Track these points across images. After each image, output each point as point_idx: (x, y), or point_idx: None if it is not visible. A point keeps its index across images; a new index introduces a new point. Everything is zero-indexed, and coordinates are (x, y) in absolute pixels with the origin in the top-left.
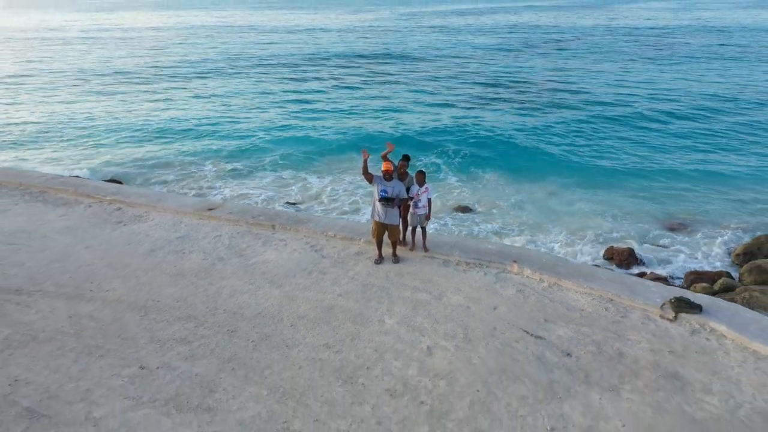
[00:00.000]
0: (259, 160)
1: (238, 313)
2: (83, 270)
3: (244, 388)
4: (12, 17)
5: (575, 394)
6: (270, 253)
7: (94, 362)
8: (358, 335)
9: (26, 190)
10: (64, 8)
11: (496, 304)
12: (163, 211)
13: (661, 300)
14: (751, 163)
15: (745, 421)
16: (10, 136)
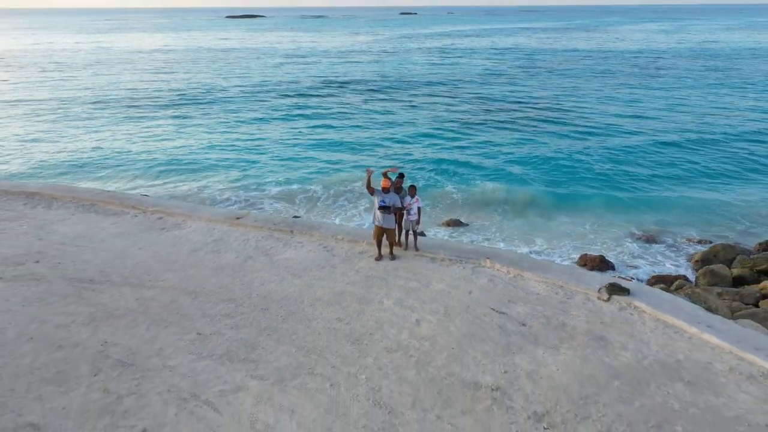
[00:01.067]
0: (273, 180)
1: (268, 297)
2: (140, 265)
3: (277, 347)
4: (19, 39)
5: (525, 350)
6: (290, 252)
7: (162, 330)
8: (362, 312)
9: (79, 203)
10: (65, 30)
11: (471, 290)
12: (198, 219)
13: (599, 286)
14: (715, 182)
15: (647, 367)
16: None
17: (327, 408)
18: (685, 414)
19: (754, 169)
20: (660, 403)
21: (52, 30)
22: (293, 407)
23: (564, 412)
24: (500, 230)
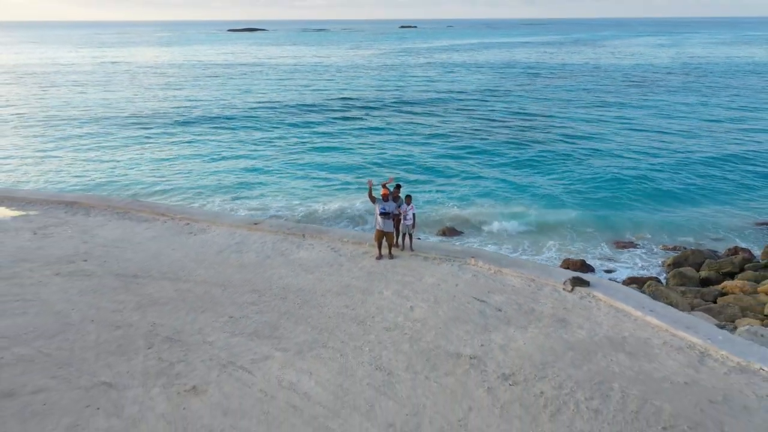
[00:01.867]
0: (282, 191)
1: (286, 289)
2: (175, 263)
3: (296, 327)
4: (27, 54)
5: (500, 329)
6: (303, 252)
7: (199, 315)
8: (365, 300)
9: (113, 211)
10: (69, 45)
11: (457, 283)
12: (221, 225)
13: (565, 279)
14: (693, 194)
15: (597, 342)
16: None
17: (338, 371)
18: (622, 375)
19: (731, 182)
20: (603, 367)
21: (56, 44)
22: (311, 370)
23: (526, 373)
24: (491, 237)
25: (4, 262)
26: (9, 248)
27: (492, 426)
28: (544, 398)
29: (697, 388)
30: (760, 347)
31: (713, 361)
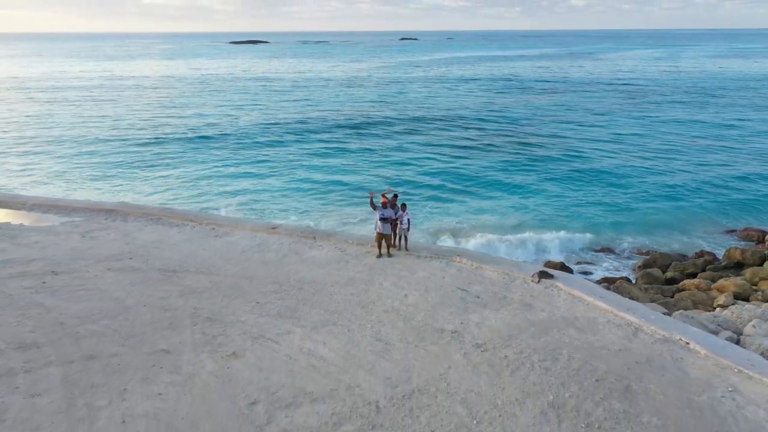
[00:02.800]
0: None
1: (302, 281)
2: (206, 260)
3: (311, 310)
4: (34, 67)
5: (476, 311)
6: (314, 252)
7: (231, 301)
8: (368, 289)
9: (148, 217)
10: (74, 58)
11: (444, 276)
12: (243, 229)
13: (533, 272)
14: (668, 203)
15: (554, 320)
16: None
17: (346, 341)
18: (570, 344)
19: (708, 193)
20: (556, 339)
21: (61, 58)
22: (325, 341)
23: (495, 343)
24: (482, 242)
25: (64, 259)
26: (64, 249)
27: (465, 379)
28: (507, 360)
29: (628, 354)
30: (684, 324)
31: (644, 335)
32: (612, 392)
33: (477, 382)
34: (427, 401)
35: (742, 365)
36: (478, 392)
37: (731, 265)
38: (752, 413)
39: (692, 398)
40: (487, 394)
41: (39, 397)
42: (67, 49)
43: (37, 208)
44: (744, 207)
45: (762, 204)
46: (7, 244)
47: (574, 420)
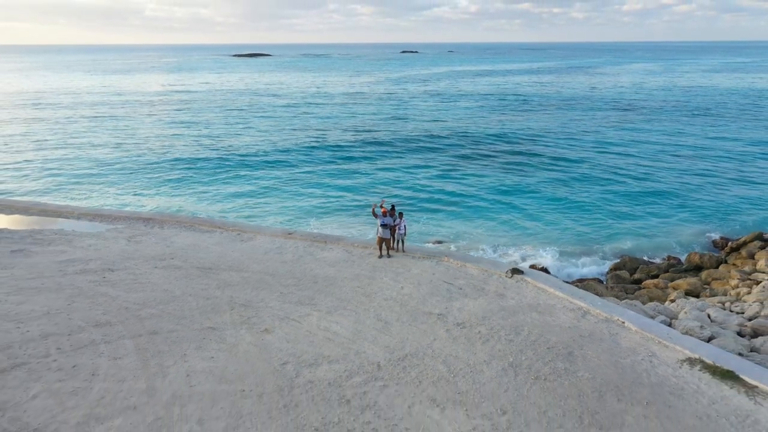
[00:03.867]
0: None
1: (316, 276)
2: (236, 260)
3: (325, 299)
4: (42, 81)
5: (459, 299)
6: (326, 254)
7: (260, 291)
8: (371, 283)
9: (181, 225)
10: (79, 71)
11: (434, 272)
12: (263, 234)
13: (507, 269)
14: (649, 211)
15: (521, 306)
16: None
17: (354, 321)
18: (531, 323)
19: (687, 204)
20: (521, 319)
21: (68, 71)
22: (337, 321)
23: (471, 322)
24: (472, 247)
25: (116, 259)
26: (115, 251)
27: (446, 347)
28: (480, 334)
29: (575, 330)
30: (624, 309)
31: (591, 316)
32: (558, 356)
33: (455, 350)
34: (416, 362)
35: (662, 338)
36: (455, 356)
37: (691, 267)
38: (662, 370)
39: (619, 360)
40: (463, 358)
41: (120, 359)
42: (73, 62)
43: (84, 216)
44: (721, 217)
45: (737, 213)
46: (66, 247)
47: (526, 375)
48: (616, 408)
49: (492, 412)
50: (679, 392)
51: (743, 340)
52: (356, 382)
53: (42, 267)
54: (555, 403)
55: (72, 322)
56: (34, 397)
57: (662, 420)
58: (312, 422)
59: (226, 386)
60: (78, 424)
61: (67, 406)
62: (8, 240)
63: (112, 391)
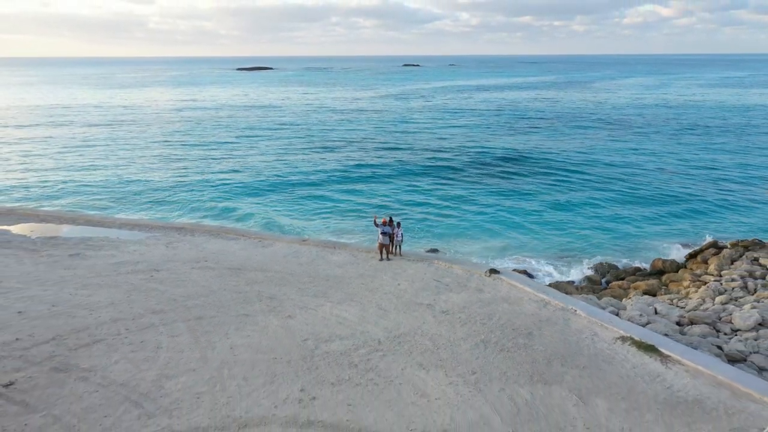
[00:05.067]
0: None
1: (328, 275)
2: (259, 262)
3: (336, 293)
4: (52, 95)
5: (445, 293)
6: (335, 257)
7: (282, 287)
8: (373, 281)
9: (209, 233)
10: (87, 85)
11: (425, 272)
12: (281, 241)
13: (486, 270)
14: (628, 222)
15: (495, 298)
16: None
17: (359, 309)
18: (503, 311)
19: (665, 215)
20: (494, 308)
21: (76, 85)
22: (346, 309)
23: (454, 310)
24: (462, 254)
25: (160, 261)
26: (156, 255)
27: (432, 328)
28: (460, 319)
29: (536, 316)
30: (578, 300)
31: (550, 306)
32: (520, 335)
33: (439, 330)
34: (408, 339)
35: (604, 322)
36: (439, 335)
37: (655, 272)
38: (600, 345)
39: (567, 338)
40: (445, 336)
41: (177, 337)
42: (81, 76)
43: (124, 226)
44: (688, 228)
45: (703, 225)
46: (115, 251)
47: (494, 348)
48: (559, 370)
49: (465, 372)
50: (609, 360)
51: (673, 324)
52: (362, 353)
53: (99, 268)
54: (513, 367)
55: (133, 310)
56: (116, 362)
57: (592, 378)
58: (329, 379)
59: (262, 355)
60: (153, 380)
61: (142, 368)
62: (65, 246)
63: (174, 358)
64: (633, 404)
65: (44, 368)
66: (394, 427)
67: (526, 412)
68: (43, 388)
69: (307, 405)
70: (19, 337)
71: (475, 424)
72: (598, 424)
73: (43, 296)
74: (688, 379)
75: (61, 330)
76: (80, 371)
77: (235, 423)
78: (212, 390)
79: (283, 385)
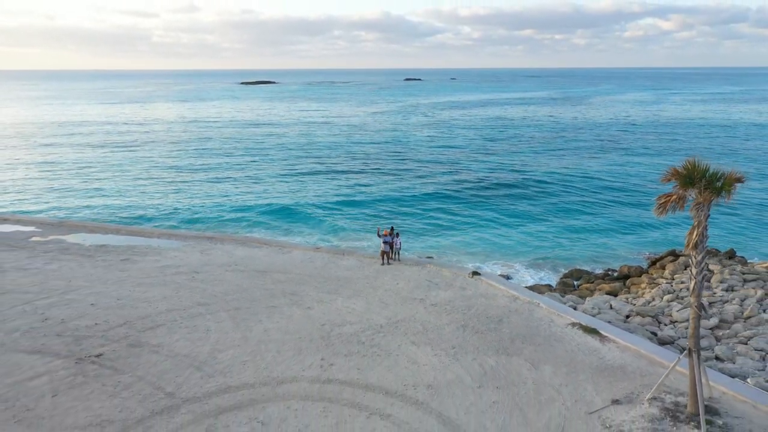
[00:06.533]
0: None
1: (339, 277)
2: (281, 266)
3: (345, 290)
4: (61, 110)
5: (434, 290)
6: (344, 262)
7: (301, 285)
8: (376, 281)
9: (236, 242)
10: (95, 99)
11: (419, 274)
12: (298, 249)
13: (469, 272)
14: (605, 232)
15: (475, 294)
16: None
17: (365, 302)
18: (479, 304)
19: (639, 226)
20: (474, 302)
21: (84, 99)
22: (354, 302)
23: (442, 303)
24: (455, 259)
25: (197, 265)
26: (194, 260)
27: (423, 317)
28: (446, 310)
29: (507, 308)
30: (542, 296)
31: (519, 300)
32: (492, 321)
33: (429, 318)
34: (404, 324)
35: (560, 312)
36: (428, 321)
37: (621, 276)
38: (554, 329)
39: (529, 324)
40: (433, 322)
41: (221, 323)
42: (87, 90)
43: (162, 236)
44: (655, 238)
45: (667, 236)
46: (159, 257)
47: (471, 330)
48: (520, 346)
49: (446, 347)
50: (560, 339)
51: (620, 316)
52: (367, 334)
53: (148, 270)
54: (484, 344)
55: (183, 303)
56: (177, 340)
57: (544, 351)
58: (342, 352)
59: (289, 336)
60: (208, 353)
61: (197, 345)
62: (115, 252)
63: (222, 338)
64: (572, 369)
65: (122, 344)
66: (392, 384)
67: (490, 374)
68: (125, 358)
69: (327, 369)
70: (97, 322)
71: (451, 381)
72: (543, 382)
73: (108, 292)
74: (617, 352)
75: (129, 317)
76: (151, 347)
77: (274, 380)
78: (254, 359)
79: (308, 356)
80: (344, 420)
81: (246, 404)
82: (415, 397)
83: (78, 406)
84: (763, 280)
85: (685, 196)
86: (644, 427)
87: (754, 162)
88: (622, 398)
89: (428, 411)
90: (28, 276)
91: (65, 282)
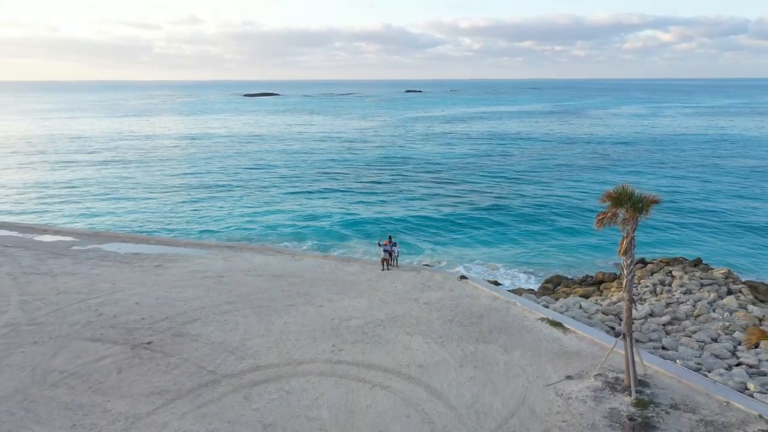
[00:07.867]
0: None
1: (345, 281)
2: (295, 271)
3: (351, 291)
4: (70, 122)
5: (427, 291)
6: (349, 268)
7: (313, 287)
8: (377, 284)
9: (254, 250)
10: (102, 112)
11: (415, 278)
12: (309, 257)
13: (458, 276)
14: (574, 244)
15: (462, 295)
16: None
17: (368, 301)
18: (465, 303)
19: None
20: (461, 302)
21: (91, 111)
22: (359, 301)
23: (433, 302)
24: (451, 265)
25: (222, 270)
26: (218, 266)
27: (417, 313)
28: (436, 307)
29: (488, 306)
30: (518, 297)
31: (499, 300)
32: (474, 317)
33: (421, 313)
34: (400, 319)
35: (532, 309)
36: (421, 316)
37: (596, 282)
38: (526, 323)
39: (505, 318)
40: (425, 317)
41: (247, 318)
42: (92, 102)
43: (188, 245)
44: (645, 248)
45: (659, 245)
46: (188, 263)
47: (456, 324)
48: (496, 336)
49: (435, 337)
50: (530, 331)
51: (585, 313)
52: (370, 326)
53: (179, 274)
54: (467, 334)
55: (213, 302)
56: (212, 332)
57: (516, 340)
58: (349, 340)
59: (305, 328)
60: (239, 341)
61: (229, 335)
62: (148, 259)
63: (249, 330)
64: (536, 353)
65: (167, 335)
66: (390, 364)
67: (470, 357)
68: (171, 345)
69: (337, 353)
70: (143, 317)
71: (438, 362)
72: (512, 363)
73: (148, 293)
74: (576, 341)
75: (169, 313)
76: (191, 336)
77: (295, 361)
78: (277, 346)
79: (321, 343)
80: (352, 390)
81: (273, 379)
82: (408, 374)
83: (140, 380)
84: (719, 284)
85: (617, 213)
86: (588, 396)
87: (748, 179)
88: (574, 375)
89: (419, 384)
90: (77, 279)
91: (110, 284)
